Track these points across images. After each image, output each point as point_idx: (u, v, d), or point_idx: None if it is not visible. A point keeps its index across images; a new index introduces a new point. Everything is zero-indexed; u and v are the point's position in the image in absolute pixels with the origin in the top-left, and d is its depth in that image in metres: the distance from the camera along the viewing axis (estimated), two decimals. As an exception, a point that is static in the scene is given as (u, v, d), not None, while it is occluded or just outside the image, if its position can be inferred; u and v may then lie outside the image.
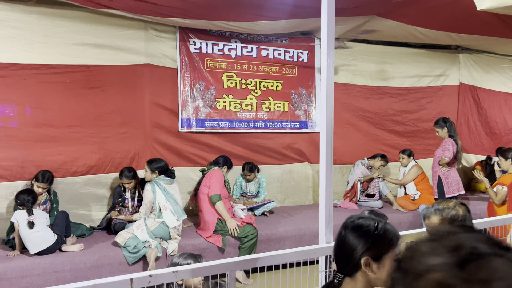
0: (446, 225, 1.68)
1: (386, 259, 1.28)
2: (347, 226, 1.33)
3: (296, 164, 5.69)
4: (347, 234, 1.31)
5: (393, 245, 1.31)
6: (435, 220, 1.70)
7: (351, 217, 1.38)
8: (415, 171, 5.51)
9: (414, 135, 6.50)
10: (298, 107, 5.56)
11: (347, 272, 1.29)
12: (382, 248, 1.28)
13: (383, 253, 1.27)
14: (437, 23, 4.76)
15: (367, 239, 1.27)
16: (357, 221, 1.33)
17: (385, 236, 1.29)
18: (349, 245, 1.28)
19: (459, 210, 1.69)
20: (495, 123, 7.16)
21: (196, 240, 4.10)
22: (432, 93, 6.61)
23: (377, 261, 1.26)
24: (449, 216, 1.68)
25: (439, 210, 1.71)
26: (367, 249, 1.26)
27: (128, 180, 4.29)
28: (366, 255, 1.26)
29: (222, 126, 5.11)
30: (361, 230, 1.30)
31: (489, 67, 6.92)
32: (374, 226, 1.30)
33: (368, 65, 6.09)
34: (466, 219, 1.70)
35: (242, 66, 5.19)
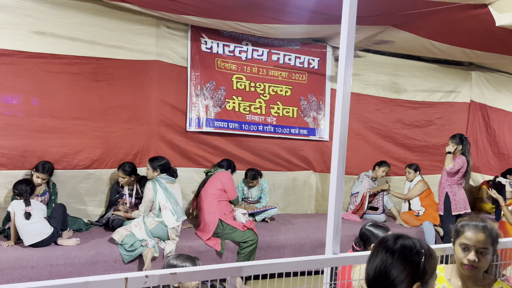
0: (489, 244, 1.60)
1: (431, 281, 1.19)
2: (392, 250, 1.18)
3: (300, 172, 5.60)
4: (394, 261, 1.16)
5: (435, 266, 1.22)
6: (481, 237, 1.61)
7: (388, 239, 1.22)
8: (421, 186, 5.41)
9: (422, 150, 6.40)
10: (307, 114, 5.48)
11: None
12: (430, 271, 1.19)
13: (430, 275, 1.18)
14: (453, 38, 4.69)
15: (419, 264, 1.16)
16: (403, 243, 1.19)
17: (432, 258, 1.20)
18: (398, 272, 1.14)
19: (498, 232, 1.65)
20: (504, 144, 7.04)
21: (195, 242, 4.01)
22: (443, 109, 6.52)
23: (425, 285, 1.16)
24: (494, 236, 1.62)
25: (486, 228, 1.63)
26: (419, 275, 1.15)
27: (124, 174, 4.20)
28: (417, 281, 1.14)
29: (232, 127, 5.04)
30: (411, 254, 1.17)
31: (501, 86, 6.82)
32: (421, 248, 1.19)
33: (380, 76, 6.01)
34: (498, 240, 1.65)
35: (252, 69, 5.13)
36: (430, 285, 1.18)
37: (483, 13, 3.71)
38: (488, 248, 1.61)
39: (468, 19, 3.91)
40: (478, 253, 1.61)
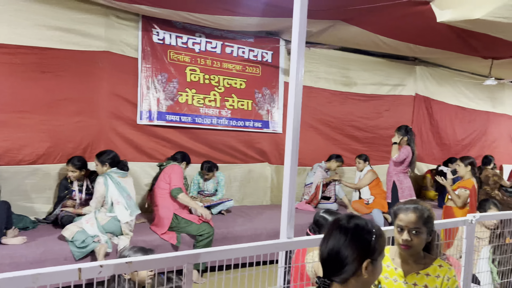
0: (420, 224, 1.70)
1: (379, 259, 1.26)
2: (347, 230, 1.23)
3: (256, 164, 5.66)
4: (347, 239, 1.21)
5: (384, 245, 1.28)
6: (412, 217, 1.71)
7: (341, 219, 1.28)
8: (370, 176, 5.65)
9: (371, 141, 6.67)
10: (261, 106, 5.54)
11: (339, 278, 1.21)
12: (380, 249, 1.25)
13: (379, 254, 1.25)
14: (399, 33, 4.91)
15: (369, 243, 1.21)
16: (355, 223, 1.25)
17: (381, 237, 1.26)
18: (351, 250, 1.20)
19: (432, 213, 1.76)
20: (446, 134, 7.51)
21: (149, 237, 3.95)
22: (390, 101, 6.82)
23: (373, 263, 1.22)
24: (425, 216, 1.72)
25: (417, 209, 1.73)
26: (369, 252, 1.21)
27: (74, 168, 4.04)
28: (367, 258, 1.20)
29: (184, 120, 4.98)
30: (363, 233, 1.23)
31: (443, 80, 7.26)
32: (372, 228, 1.25)
33: (332, 70, 6.19)
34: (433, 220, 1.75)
35: (206, 61, 5.10)
36: (379, 263, 1.26)
37: (425, 10, 3.93)
38: (420, 228, 1.70)
39: (412, 16, 4.12)
40: (410, 233, 1.71)
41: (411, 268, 1.77)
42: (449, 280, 1.71)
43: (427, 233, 1.73)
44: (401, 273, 1.78)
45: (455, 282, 1.72)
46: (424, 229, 1.71)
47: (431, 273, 1.74)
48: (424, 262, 1.77)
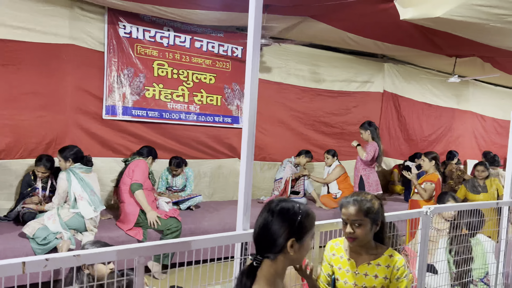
0: (361, 215, 1.74)
1: (306, 239, 1.36)
2: (273, 211, 1.34)
3: (226, 160, 5.66)
4: (274, 219, 1.32)
5: (312, 226, 1.40)
6: (352, 210, 1.75)
7: (273, 202, 1.39)
8: (338, 171, 5.75)
9: (340, 137, 6.77)
10: (231, 102, 5.53)
11: (269, 255, 1.32)
12: (305, 230, 1.34)
13: (304, 234, 1.35)
14: (365, 31, 5.00)
15: (294, 222, 1.32)
16: (282, 205, 1.36)
17: (307, 218, 1.36)
18: (277, 228, 1.31)
19: (374, 204, 1.77)
20: (413, 130, 7.71)
21: (115, 233, 3.90)
22: (359, 98, 6.94)
23: (299, 242, 1.33)
24: (365, 208, 1.74)
25: (357, 201, 1.76)
26: (293, 231, 1.31)
27: (45, 169, 3.96)
28: (292, 237, 1.31)
29: (151, 115, 4.92)
30: (288, 213, 1.33)
31: (410, 77, 7.43)
32: (299, 209, 1.35)
33: (301, 66, 6.24)
34: (379, 212, 1.77)
35: (175, 55, 5.05)
36: (306, 242, 1.36)
37: (389, 8, 4.00)
38: (362, 219, 1.74)
39: (377, 13, 4.19)
40: (353, 225, 1.75)
41: (362, 259, 1.82)
42: (398, 269, 1.77)
43: (371, 223, 1.75)
44: (353, 263, 1.83)
45: (404, 271, 1.78)
46: (366, 221, 1.74)
47: (382, 263, 1.79)
48: (375, 253, 1.81)
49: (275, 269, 1.33)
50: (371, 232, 1.77)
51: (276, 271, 1.33)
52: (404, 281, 1.76)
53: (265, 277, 1.31)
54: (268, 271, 1.32)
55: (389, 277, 1.77)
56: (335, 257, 1.89)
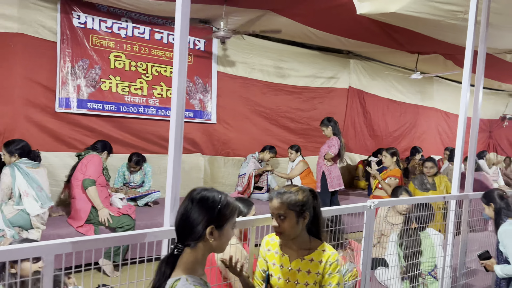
0: (285, 209, 1.69)
1: (227, 228, 1.37)
2: (194, 199, 1.35)
3: (188, 155, 5.55)
4: (193, 206, 1.33)
5: (233, 215, 1.40)
6: (275, 203, 1.70)
7: (195, 190, 1.40)
8: (301, 166, 5.74)
9: (306, 132, 6.77)
10: (193, 96, 5.43)
11: (189, 242, 1.33)
12: (224, 218, 1.35)
13: (224, 223, 1.36)
14: (327, 26, 4.99)
15: (213, 210, 1.33)
16: (203, 193, 1.36)
17: (227, 207, 1.36)
18: (196, 216, 1.32)
19: (300, 196, 1.71)
20: (378, 126, 7.80)
21: (64, 230, 3.75)
22: (324, 94, 6.95)
23: (219, 230, 1.33)
24: (288, 201, 1.69)
25: (280, 194, 1.72)
26: (213, 219, 1.32)
27: None
28: (211, 224, 1.32)
29: (108, 109, 4.77)
30: (208, 202, 1.34)
31: (375, 74, 7.50)
32: (219, 198, 1.35)
33: (266, 61, 6.19)
34: (306, 204, 1.72)
35: (133, 47, 4.90)
36: (226, 230, 1.37)
37: (347, 3, 4.00)
38: (286, 213, 1.69)
39: (335, 8, 4.19)
40: (278, 219, 1.71)
41: (296, 254, 1.78)
42: (331, 265, 1.73)
43: (297, 216, 1.70)
44: (287, 259, 1.78)
45: (337, 267, 1.75)
46: (291, 213, 1.69)
47: (315, 258, 1.75)
48: (309, 247, 1.77)
49: (195, 256, 1.34)
50: (298, 225, 1.71)
51: (196, 258, 1.34)
52: (336, 276, 1.73)
53: (184, 264, 1.33)
54: (187, 258, 1.33)
55: (321, 272, 1.73)
56: (270, 252, 1.84)
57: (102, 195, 3.95)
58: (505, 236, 2.67)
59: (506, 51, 5.37)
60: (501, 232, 2.71)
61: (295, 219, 1.70)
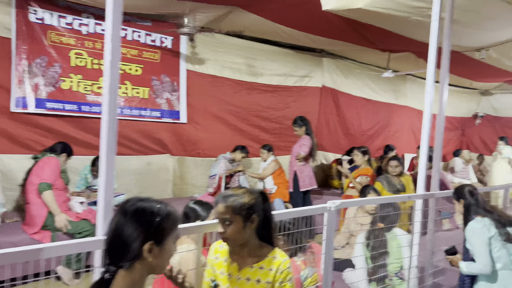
0: (230, 213, 1.57)
1: (168, 242, 1.21)
2: (127, 212, 1.17)
3: (156, 156, 5.37)
4: (127, 220, 1.15)
5: (175, 228, 1.24)
6: (220, 207, 1.58)
7: (128, 201, 1.22)
8: (273, 166, 5.63)
9: (279, 132, 6.67)
10: (160, 95, 5.26)
11: (123, 263, 1.14)
12: (165, 232, 1.19)
13: (165, 237, 1.19)
14: (296, 23, 4.90)
15: (151, 223, 1.16)
16: (138, 204, 1.19)
17: (168, 219, 1.20)
18: (131, 231, 1.14)
19: (246, 199, 1.59)
20: (352, 125, 7.77)
21: (17, 237, 3.54)
22: (297, 92, 6.87)
23: (159, 246, 1.17)
24: (234, 204, 1.57)
25: (225, 197, 1.60)
26: (151, 234, 1.15)
27: None
28: (149, 240, 1.15)
29: (69, 108, 4.56)
30: (144, 214, 1.17)
31: (349, 72, 7.47)
32: (157, 209, 1.19)
33: (237, 59, 6.06)
34: (253, 208, 1.60)
35: (95, 44, 4.70)
36: (168, 246, 1.20)
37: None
38: (232, 217, 1.57)
39: (302, 4, 4.10)
40: (223, 224, 1.60)
41: (245, 262, 1.66)
42: (282, 272, 1.62)
43: (244, 221, 1.58)
44: (236, 267, 1.66)
45: (289, 274, 1.63)
46: (237, 218, 1.57)
47: (265, 266, 1.63)
48: (259, 254, 1.66)
49: (132, 279, 1.15)
50: (245, 230, 1.59)
51: (133, 282, 1.15)
52: (287, 285, 1.62)
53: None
54: (122, 283, 1.14)
55: (272, 281, 1.62)
56: (218, 260, 1.72)
57: (60, 199, 3.75)
58: (472, 234, 2.62)
59: (475, 49, 5.39)
60: (468, 230, 2.66)
61: (241, 224, 1.58)
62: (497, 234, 2.62)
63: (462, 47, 5.30)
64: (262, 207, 1.65)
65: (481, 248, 2.57)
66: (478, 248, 2.58)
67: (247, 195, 1.61)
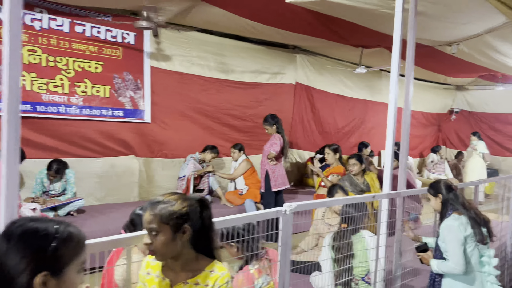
0: (157, 222, 1.38)
1: (69, 272, 0.97)
2: (11, 236, 0.94)
3: (119, 157, 5.11)
4: (11, 247, 0.92)
5: (79, 253, 1.01)
6: (146, 216, 1.39)
7: (15, 222, 0.98)
8: (244, 165, 5.46)
9: (252, 130, 6.49)
10: (122, 93, 5.01)
11: None
12: (64, 259, 0.97)
13: (65, 265, 0.97)
14: (260, 17, 4.72)
15: (45, 250, 0.94)
16: (27, 226, 0.96)
17: (69, 243, 0.98)
18: (16, 261, 0.91)
19: (178, 206, 1.40)
20: (327, 123, 7.65)
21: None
22: (270, 90, 6.70)
23: (57, 277, 0.95)
24: (161, 213, 1.38)
25: (153, 205, 1.40)
26: (45, 262, 0.93)
27: None
28: (42, 271, 0.92)
29: (22, 109, 4.27)
30: (35, 237, 0.95)
31: (323, 69, 7.34)
32: (54, 230, 0.96)
33: (206, 56, 5.84)
34: (186, 216, 1.41)
35: (50, 40, 4.42)
36: (69, 276, 0.97)
37: (276, -10, 3.75)
38: (159, 227, 1.38)
39: (266, -3, 3.93)
40: (150, 235, 1.40)
41: (178, 277, 1.46)
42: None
43: (174, 231, 1.39)
44: (168, 284, 1.47)
45: (226, 290, 1.45)
46: (165, 228, 1.38)
47: (201, 281, 1.45)
48: (195, 269, 1.47)
49: None
50: (175, 242, 1.40)
51: None
52: (225, 302, 1.44)
53: None
54: None
55: (207, 298, 1.43)
56: (149, 276, 1.52)
57: (9, 206, 3.49)
58: (448, 232, 2.50)
59: (446, 43, 5.32)
60: (444, 227, 2.54)
61: (170, 235, 1.39)
62: (472, 234, 2.51)
63: (433, 41, 5.21)
64: (199, 215, 1.46)
65: (456, 246, 2.46)
66: (452, 246, 2.47)
67: (179, 202, 1.42)
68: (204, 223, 1.49)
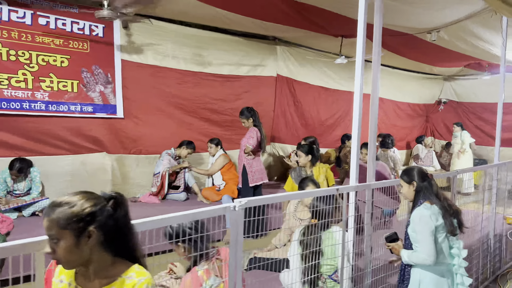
0: (55, 228, 1.22)
1: None
2: None
3: (90, 155, 4.93)
4: None
5: None
6: (44, 222, 1.24)
7: None
8: (221, 160, 5.31)
9: (231, 124, 6.32)
10: (91, 88, 4.82)
11: None
12: None
13: None
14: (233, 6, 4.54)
15: None
16: None
17: None
18: None
19: (75, 207, 1.24)
20: (310, 116, 7.49)
21: None
22: (250, 82, 6.53)
23: None
24: (59, 217, 1.22)
25: (50, 209, 1.25)
26: None
27: None
28: None
29: (-18, 106, 4.09)
30: None
31: (304, 60, 7.16)
32: None
33: (182, 48, 5.65)
34: (88, 217, 1.25)
35: (11, 33, 4.22)
36: None
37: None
38: (59, 233, 1.22)
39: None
40: (51, 242, 1.24)
41: (92, 285, 1.31)
42: (137, 295, 1.28)
43: (76, 237, 1.24)
44: (81, 291, 1.32)
45: (146, 296, 1.30)
46: (66, 234, 1.23)
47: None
48: (111, 275, 1.31)
49: None
50: (81, 248, 1.24)
51: None
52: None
53: None
54: None
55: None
56: (62, 284, 1.36)
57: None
58: (419, 221, 2.39)
59: (426, 30, 5.17)
60: (415, 216, 2.43)
61: (72, 241, 1.23)
62: (443, 224, 2.40)
63: (411, 28, 5.06)
64: (110, 215, 1.30)
65: (426, 236, 2.36)
66: (423, 236, 2.37)
67: (82, 202, 1.26)
68: (118, 223, 1.33)
